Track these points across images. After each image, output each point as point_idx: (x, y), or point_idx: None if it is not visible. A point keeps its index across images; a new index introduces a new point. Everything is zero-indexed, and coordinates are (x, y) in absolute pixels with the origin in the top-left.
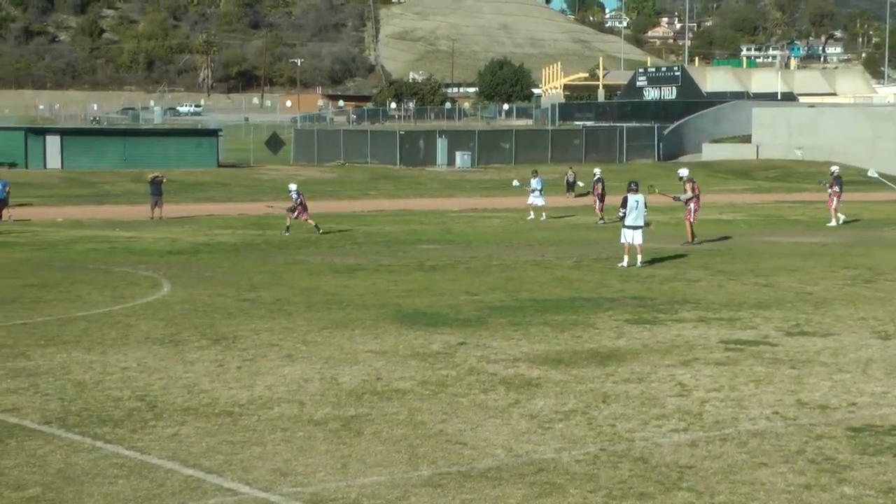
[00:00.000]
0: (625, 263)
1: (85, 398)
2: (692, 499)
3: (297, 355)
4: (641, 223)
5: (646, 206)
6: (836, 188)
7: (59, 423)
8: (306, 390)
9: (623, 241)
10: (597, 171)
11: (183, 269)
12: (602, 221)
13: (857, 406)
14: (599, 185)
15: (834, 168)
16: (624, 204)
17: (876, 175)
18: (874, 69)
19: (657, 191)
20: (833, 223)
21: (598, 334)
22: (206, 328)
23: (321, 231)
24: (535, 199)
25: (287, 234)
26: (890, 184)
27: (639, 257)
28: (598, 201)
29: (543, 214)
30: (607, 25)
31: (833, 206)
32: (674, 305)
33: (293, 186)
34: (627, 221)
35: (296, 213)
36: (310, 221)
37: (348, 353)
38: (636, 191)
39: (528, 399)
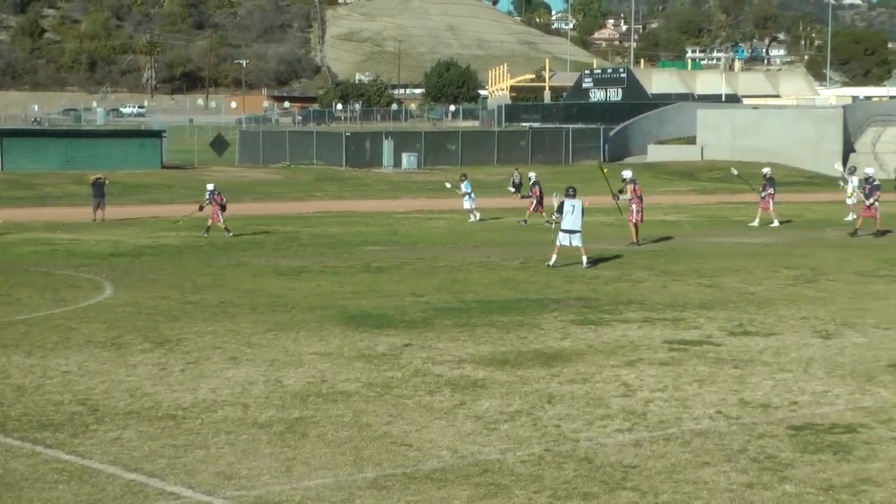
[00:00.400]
0: (552, 262)
1: (24, 402)
2: (636, 498)
3: (242, 358)
4: (578, 227)
5: (582, 213)
6: (770, 190)
7: None
8: (250, 393)
9: (558, 243)
10: (532, 174)
11: (125, 272)
12: (524, 222)
13: (799, 405)
14: (536, 188)
15: (766, 170)
16: (560, 209)
17: (736, 173)
18: (817, 71)
19: (605, 170)
20: (770, 223)
21: (543, 335)
22: (148, 331)
23: (231, 234)
24: (465, 202)
25: (206, 234)
26: (749, 183)
27: (584, 258)
28: (535, 203)
29: (474, 216)
30: (553, 27)
31: (770, 208)
32: (618, 306)
33: (210, 186)
34: (564, 226)
35: (203, 211)
36: (220, 224)
37: (293, 356)
38: (573, 196)
39: (474, 400)
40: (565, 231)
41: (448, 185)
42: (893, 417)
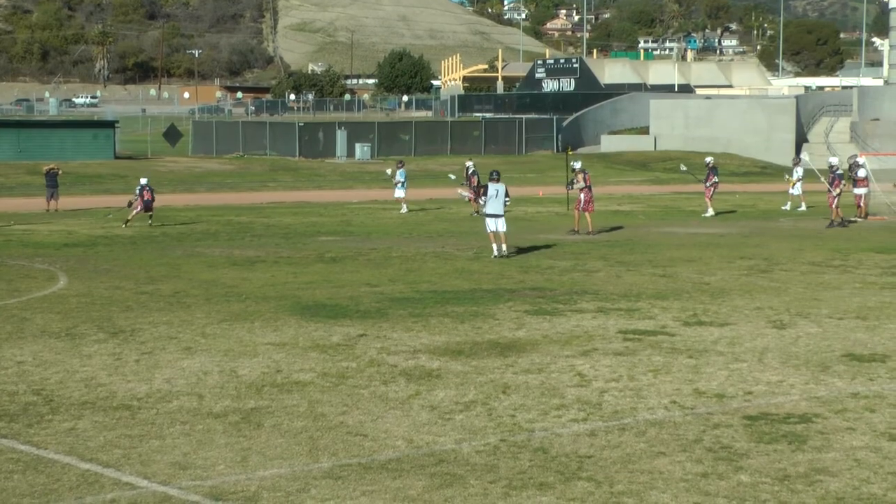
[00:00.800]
0: (496, 253)
1: None
2: (592, 488)
3: (196, 348)
4: (502, 211)
5: (507, 195)
6: (714, 178)
7: None
8: (205, 383)
9: (487, 230)
10: (469, 163)
11: (80, 262)
12: (478, 213)
13: (753, 395)
14: (475, 177)
15: (708, 159)
16: (485, 192)
17: (684, 169)
18: (769, 62)
19: (570, 151)
20: (710, 213)
21: (498, 325)
22: (103, 321)
23: (152, 224)
24: (398, 191)
25: (125, 226)
26: (697, 176)
27: (503, 246)
28: (474, 193)
29: (404, 206)
30: (506, 17)
31: (709, 196)
32: (573, 296)
33: (143, 180)
34: (488, 210)
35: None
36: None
37: (248, 346)
38: (497, 180)
39: (429, 390)
40: (490, 216)
41: (452, 177)
42: (848, 407)
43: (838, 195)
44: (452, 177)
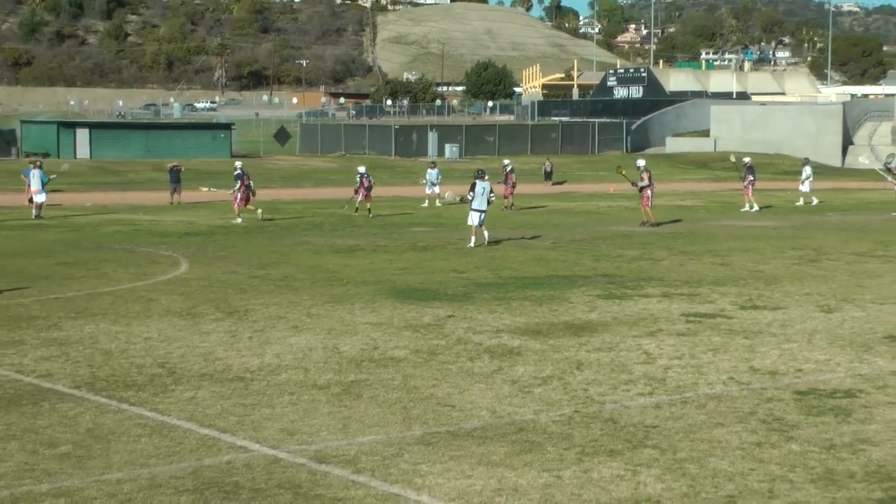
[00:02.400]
0: (472, 244)
1: (111, 365)
2: (657, 455)
3: (303, 327)
4: (485, 207)
5: (491, 192)
6: (751, 177)
7: (88, 388)
8: (311, 358)
9: (470, 222)
10: (506, 161)
11: (199, 250)
12: (508, 209)
13: (803, 372)
14: (513, 174)
15: (746, 159)
16: (472, 189)
17: (733, 160)
18: (818, 71)
19: (623, 172)
20: (747, 208)
21: (572, 308)
22: (220, 302)
23: (263, 219)
24: (433, 188)
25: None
26: (741, 172)
27: (485, 234)
28: (510, 189)
29: (438, 201)
30: (581, 31)
31: (749, 194)
32: (640, 282)
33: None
34: (474, 205)
35: (238, 198)
36: (249, 206)
37: (348, 325)
38: (483, 178)
39: (510, 366)
40: (475, 210)
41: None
42: (889, 384)
43: None
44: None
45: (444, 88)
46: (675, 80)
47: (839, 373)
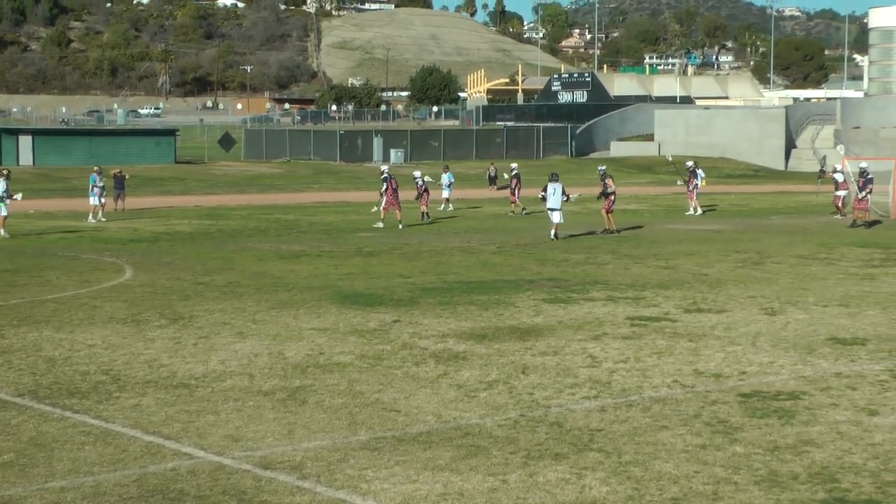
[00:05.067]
0: (552, 237)
1: (55, 373)
2: (602, 458)
3: (248, 333)
4: (559, 205)
5: (564, 193)
6: (695, 181)
7: (31, 396)
8: (256, 364)
9: (553, 220)
10: (514, 165)
11: (144, 256)
12: (522, 211)
13: (747, 374)
14: (516, 179)
15: (689, 163)
16: (544, 190)
17: (671, 160)
18: (761, 76)
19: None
20: (692, 212)
21: (518, 312)
22: (164, 309)
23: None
24: (445, 191)
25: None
26: (680, 173)
27: (552, 232)
28: (513, 193)
29: (450, 205)
30: (525, 36)
31: (693, 197)
32: (585, 286)
33: (384, 167)
34: (549, 204)
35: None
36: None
37: (294, 331)
38: (555, 180)
39: (456, 371)
40: (550, 209)
41: (506, 176)
42: (831, 386)
43: (865, 196)
44: (506, 176)
45: (389, 94)
46: (620, 84)
47: (783, 375)
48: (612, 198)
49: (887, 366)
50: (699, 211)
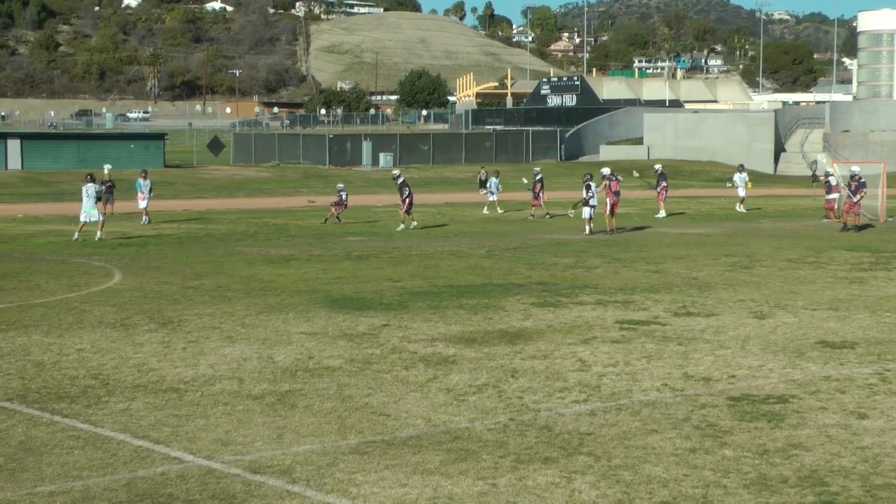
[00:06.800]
0: (586, 231)
1: (44, 377)
2: (591, 462)
3: (237, 337)
4: (596, 203)
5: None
6: (664, 184)
7: (20, 400)
8: (245, 368)
9: (584, 216)
10: (536, 169)
11: (133, 260)
12: (546, 215)
13: (737, 378)
14: (540, 183)
15: (657, 166)
16: (588, 190)
17: (637, 174)
18: (750, 79)
19: (636, 174)
20: (662, 214)
21: (507, 316)
22: (153, 313)
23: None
24: (492, 196)
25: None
26: (648, 181)
27: (588, 227)
28: (536, 197)
29: (498, 208)
30: (514, 40)
31: (662, 199)
32: (574, 290)
33: (396, 171)
34: (591, 202)
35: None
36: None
37: (283, 335)
38: (591, 180)
39: (445, 375)
40: (588, 206)
41: (524, 181)
42: (821, 389)
43: (859, 200)
44: (525, 181)
45: (378, 97)
46: (609, 88)
47: (772, 378)
48: (617, 199)
49: (876, 369)
50: (663, 213)
